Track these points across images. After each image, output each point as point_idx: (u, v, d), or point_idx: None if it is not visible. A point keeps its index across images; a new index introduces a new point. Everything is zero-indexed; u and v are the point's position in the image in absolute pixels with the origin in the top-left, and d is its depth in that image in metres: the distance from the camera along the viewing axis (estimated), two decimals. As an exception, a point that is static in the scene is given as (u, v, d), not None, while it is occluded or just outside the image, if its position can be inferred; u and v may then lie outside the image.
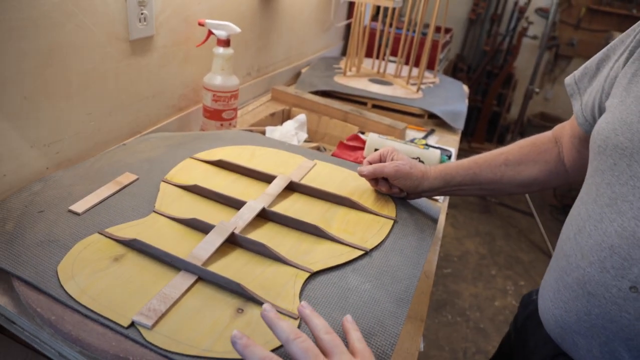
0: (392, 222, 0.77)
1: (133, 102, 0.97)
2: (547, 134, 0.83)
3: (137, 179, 0.80)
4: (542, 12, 3.88)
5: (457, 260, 2.59)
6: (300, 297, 0.58)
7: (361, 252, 0.68)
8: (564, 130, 0.80)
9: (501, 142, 4.10)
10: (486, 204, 3.17)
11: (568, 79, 0.76)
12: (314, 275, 0.62)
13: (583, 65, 0.74)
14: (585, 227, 0.63)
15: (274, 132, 1.21)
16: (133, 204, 0.73)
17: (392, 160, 0.84)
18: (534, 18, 3.93)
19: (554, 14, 2.94)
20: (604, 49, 0.70)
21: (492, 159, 0.82)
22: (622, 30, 0.72)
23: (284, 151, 0.97)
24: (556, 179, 0.80)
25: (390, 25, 1.76)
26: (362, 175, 0.84)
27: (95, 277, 0.57)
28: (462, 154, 3.75)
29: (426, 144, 1.22)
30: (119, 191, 0.76)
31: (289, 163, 0.92)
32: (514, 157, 0.81)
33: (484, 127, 4.00)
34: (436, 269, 2.55)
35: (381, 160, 0.85)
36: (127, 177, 0.80)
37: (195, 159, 0.89)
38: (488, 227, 2.93)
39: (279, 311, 0.55)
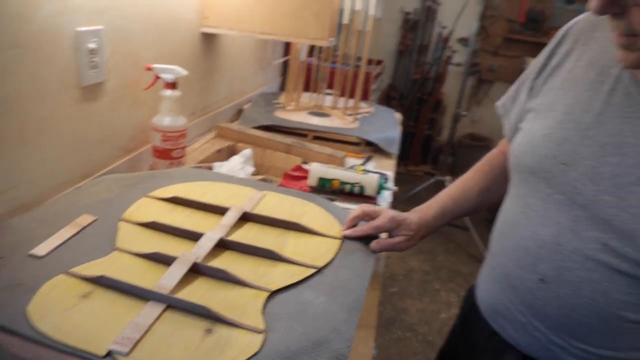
0: (339, 241, 0.85)
1: (85, 146, 1.01)
2: (497, 153, 0.97)
3: (96, 219, 0.84)
4: (464, 41, 4.18)
5: (403, 278, 2.70)
6: (262, 314, 0.64)
7: (314, 270, 0.75)
8: (506, 146, 0.94)
9: (435, 163, 4.33)
10: (426, 223, 3.33)
11: (498, 103, 0.91)
12: (273, 294, 0.69)
13: (508, 90, 0.89)
14: (505, 231, 0.77)
15: (222, 167, 1.27)
16: (94, 243, 0.77)
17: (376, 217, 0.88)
18: (457, 47, 4.23)
19: (473, 43, 3.20)
20: (522, 75, 0.85)
21: (468, 193, 0.93)
22: (534, 55, 0.87)
23: (233, 184, 1.04)
24: None
25: (325, 60, 1.88)
26: (352, 235, 0.86)
27: (67, 314, 0.61)
28: (399, 176, 3.89)
29: (365, 170, 1.32)
30: (79, 232, 0.80)
31: (240, 195, 0.99)
32: (485, 185, 0.94)
33: (418, 150, 4.22)
34: (383, 288, 2.64)
35: (364, 218, 0.89)
36: (85, 219, 0.83)
37: (151, 197, 0.93)
38: (430, 245, 3.08)
39: (245, 328, 0.61)
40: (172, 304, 0.64)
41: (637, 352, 0.67)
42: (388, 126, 1.73)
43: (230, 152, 1.48)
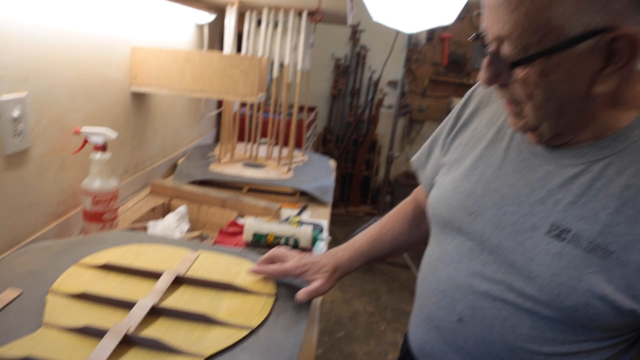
0: (273, 299, 0.87)
1: (10, 214, 0.98)
2: (410, 200, 1.04)
3: (21, 293, 0.81)
4: (393, 84, 4.39)
5: (348, 322, 2.71)
6: (196, 383, 0.65)
7: (248, 331, 0.76)
8: (420, 194, 1.02)
9: (374, 202, 4.44)
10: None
11: (413, 158, 1.00)
12: (208, 359, 0.69)
13: (422, 147, 0.97)
14: (427, 275, 0.84)
15: (156, 226, 1.26)
16: (19, 321, 0.75)
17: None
18: (387, 90, 4.43)
19: (401, 86, 3.37)
20: (434, 132, 0.93)
21: (383, 237, 1.01)
22: (460, 95, 0.98)
23: (167, 246, 1.04)
24: (426, 237, 0.97)
25: (258, 110, 1.92)
26: (257, 272, 0.91)
27: (-11, 400, 0.59)
28: (341, 218, 3.95)
29: (300, 222, 1.35)
30: (2, 309, 0.77)
31: (174, 257, 0.99)
32: (399, 231, 1.01)
33: (357, 191, 4.32)
34: (329, 334, 2.64)
35: (274, 261, 0.93)
36: (9, 294, 0.81)
37: (81, 265, 0.92)
38: (373, 285, 3.13)
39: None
40: (103, 380, 0.63)
41: None
42: (322, 174, 1.78)
43: (166, 210, 1.47)
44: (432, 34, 4.26)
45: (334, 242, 3.83)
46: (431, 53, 4.33)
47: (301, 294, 0.87)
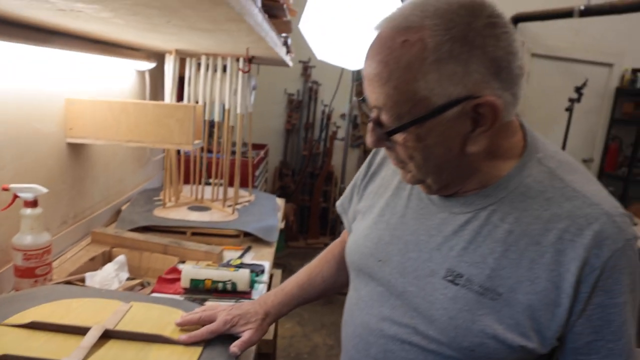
0: (200, 348, 0.88)
1: None
2: (338, 242, 1.08)
3: (-60, 360, 0.80)
4: (345, 117, 4.50)
5: (308, 356, 2.70)
6: None
7: (172, 385, 0.77)
8: (346, 237, 1.04)
9: (333, 233, 4.47)
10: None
11: (337, 203, 1.04)
12: (127, 417, 0.70)
13: (345, 191, 1.02)
14: (347, 319, 0.88)
15: (94, 277, 1.26)
16: (-64, 388, 0.74)
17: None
18: (341, 123, 4.54)
19: (351, 118, 3.47)
20: (355, 177, 0.98)
21: (313, 280, 1.03)
22: None
23: (100, 299, 1.03)
24: None
25: (202, 150, 1.94)
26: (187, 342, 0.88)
27: None
28: (300, 251, 3.95)
29: (241, 263, 1.37)
30: None
31: (106, 310, 0.98)
32: (328, 273, 1.04)
33: (316, 223, 4.35)
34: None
35: (200, 323, 0.91)
36: None
37: (5, 325, 0.91)
38: (332, 317, 3.13)
39: None
40: None
41: None
42: (267, 214, 1.81)
43: (106, 259, 1.46)
44: (379, 67, 4.41)
45: (288, 275, 3.80)
46: (380, 85, 4.47)
47: (234, 347, 0.88)
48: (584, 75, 4.47)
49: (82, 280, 1.25)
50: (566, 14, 3.64)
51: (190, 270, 1.19)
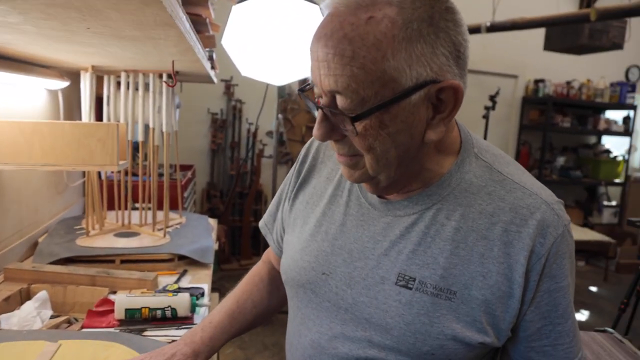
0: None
1: None
2: (264, 263, 1.01)
3: None
4: (271, 134, 4.47)
5: (251, 381, 2.60)
6: None
7: None
8: (272, 256, 0.99)
9: (267, 252, 4.39)
10: (266, 315, 3.31)
11: (261, 224, 0.97)
12: None
13: (268, 209, 0.95)
14: (292, 342, 0.81)
15: (12, 318, 1.12)
16: None
17: None
18: (267, 140, 4.50)
19: (278, 135, 3.44)
20: (278, 192, 0.92)
21: (243, 307, 0.93)
22: None
23: (21, 341, 0.92)
24: (285, 299, 0.93)
25: (126, 174, 1.83)
26: None
27: None
28: (234, 273, 3.85)
29: (178, 288, 1.28)
30: None
31: (29, 353, 0.88)
32: (258, 297, 0.95)
33: (247, 243, 4.25)
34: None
35: None
36: None
37: None
38: (274, 338, 3.05)
39: None
40: None
41: None
42: (201, 235, 1.72)
43: (25, 297, 1.31)
44: (304, 83, 4.43)
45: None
46: (304, 101, 4.49)
47: None
48: (495, 86, 4.77)
49: (-3, 323, 1.11)
50: (474, 30, 3.87)
51: (124, 300, 1.09)
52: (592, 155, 5.79)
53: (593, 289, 4.51)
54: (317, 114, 0.66)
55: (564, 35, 4.18)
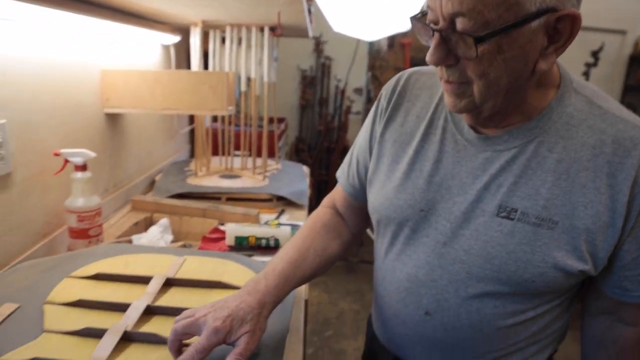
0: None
1: (-2, 237, 1.02)
2: (328, 210, 1.01)
3: (19, 307, 0.86)
4: (359, 91, 4.51)
5: (336, 321, 2.77)
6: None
7: (238, 321, 0.82)
8: (338, 202, 1.01)
9: (351, 207, 4.52)
10: (349, 264, 3.45)
11: (338, 173, 1.01)
12: (202, 348, 0.75)
13: (345, 159, 1.00)
14: (386, 277, 0.86)
15: (141, 239, 1.31)
16: (21, 330, 0.79)
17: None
18: (354, 97, 4.55)
19: (366, 93, 3.48)
20: (360, 134, 0.96)
21: (305, 255, 0.88)
22: None
23: (154, 254, 1.09)
24: (348, 244, 1.00)
25: (230, 123, 1.99)
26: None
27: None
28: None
29: (278, 224, 1.42)
30: (3, 321, 0.81)
31: (162, 263, 1.04)
32: (320, 245, 0.92)
33: (333, 197, 4.39)
34: (318, 333, 2.68)
35: (183, 339, 0.72)
36: (7, 308, 0.85)
37: (73, 277, 0.96)
38: (356, 285, 3.20)
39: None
40: (108, 372, 0.68)
41: (513, 347, 0.79)
42: (296, 180, 1.85)
43: (148, 224, 1.52)
44: (392, 40, 4.39)
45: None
46: (393, 59, 4.46)
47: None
48: (598, 42, 4.43)
49: (130, 242, 1.31)
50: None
51: (234, 228, 1.24)
52: None
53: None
54: (433, 39, 0.66)
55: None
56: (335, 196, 1.02)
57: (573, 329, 0.84)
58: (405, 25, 2.76)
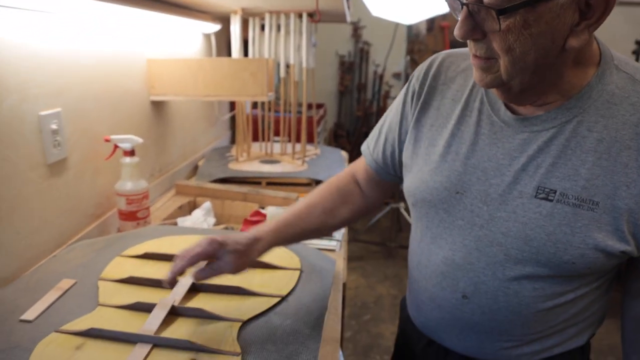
0: (298, 272, 0.96)
1: (55, 217, 1.09)
2: (347, 176, 1.02)
3: (76, 282, 0.92)
4: (398, 76, 4.47)
5: (374, 305, 2.80)
6: (237, 341, 0.74)
7: (278, 299, 0.86)
8: (359, 173, 1.01)
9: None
10: (387, 249, 3.46)
11: (363, 147, 1.00)
12: (245, 323, 0.79)
13: (371, 134, 0.99)
14: (421, 261, 0.86)
15: (185, 221, 1.37)
16: (78, 303, 0.85)
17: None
18: (393, 82, 4.51)
19: (405, 77, 3.45)
20: (394, 114, 0.93)
21: (312, 210, 0.93)
22: None
23: (198, 235, 1.14)
24: (359, 213, 1.00)
25: (269, 110, 2.03)
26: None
27: (64, 365, 0.69)
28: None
29: (317, 207, 1.44)
30: (62, 295, 0.88)
31: (206, 243, 1.08)
32: (329, 205, 0.95)
33: (372, 183, 4.40)
34: (356, 317, 2.71)
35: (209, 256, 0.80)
36: (66, 283, 0.92)
37: (124, 256, 1.02)
38: (394, 270, 3.21)
39: (224, 353, 0.71)
40: (158, 343, 0.73)
41: (551, 329, 0.79)
42: (335, 164, 1.87)
43: (192, 207, 1.57)
44: (431, 23, 4.33)
45: (352, 232, 3.86)
46: (433, 42, 4.40)
47: (196, 274, 0.77)
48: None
49: (175, 224, 1.36)
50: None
51: (275, 211, 1.27)
52: None
53: None
54: (461, 12, 0.66)
55: None
56: (357, 167, 1.02)
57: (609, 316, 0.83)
58: (445, 8, 2.72)
